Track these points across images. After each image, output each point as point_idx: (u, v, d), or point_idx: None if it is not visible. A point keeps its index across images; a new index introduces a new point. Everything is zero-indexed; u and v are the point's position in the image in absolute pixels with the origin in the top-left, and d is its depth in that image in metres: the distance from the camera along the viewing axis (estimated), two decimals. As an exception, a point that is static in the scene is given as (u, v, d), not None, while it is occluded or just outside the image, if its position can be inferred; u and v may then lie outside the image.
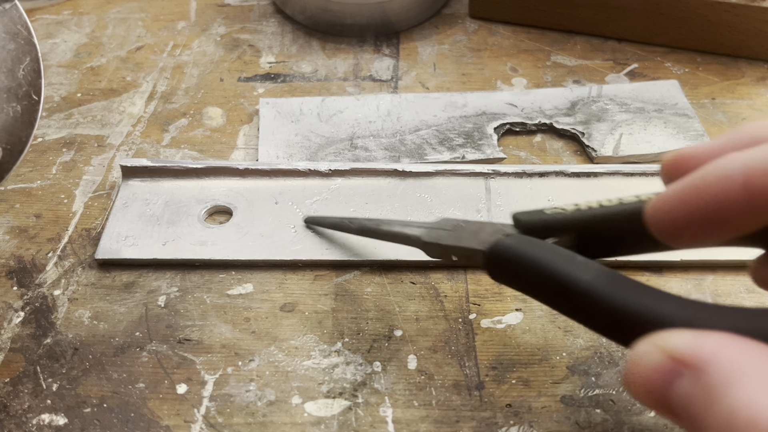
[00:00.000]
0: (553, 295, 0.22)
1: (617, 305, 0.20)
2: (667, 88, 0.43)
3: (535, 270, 0.23)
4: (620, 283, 0.20)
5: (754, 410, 0.15)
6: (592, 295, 0.20)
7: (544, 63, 0.47)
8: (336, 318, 0.31)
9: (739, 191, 0.18)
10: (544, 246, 0.23)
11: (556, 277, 0.22)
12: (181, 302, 0.32)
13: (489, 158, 0.39)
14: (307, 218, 0.35)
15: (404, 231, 0.30)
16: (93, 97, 0.44)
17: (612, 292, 0.20)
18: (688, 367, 0.17)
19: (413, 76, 0.46)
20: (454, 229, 0.28)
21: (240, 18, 0.51)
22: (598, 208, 0.24)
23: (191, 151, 0.40)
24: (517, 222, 0.26)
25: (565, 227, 0.24)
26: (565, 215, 0.24)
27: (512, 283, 0.25)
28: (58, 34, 0.50)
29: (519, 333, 0.30)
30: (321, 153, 0.39)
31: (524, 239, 0.24)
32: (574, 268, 0.21)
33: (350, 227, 0.33)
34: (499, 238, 0.25)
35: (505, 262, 0.24)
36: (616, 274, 0.21)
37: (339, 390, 0.28)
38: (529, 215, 0.25)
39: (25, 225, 0.36)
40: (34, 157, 0.40)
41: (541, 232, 0.25)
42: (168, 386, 0.29)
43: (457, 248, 0.27)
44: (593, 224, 0.24)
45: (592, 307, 0.20)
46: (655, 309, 0.19)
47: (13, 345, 0.30)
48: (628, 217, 0.23)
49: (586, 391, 0.28)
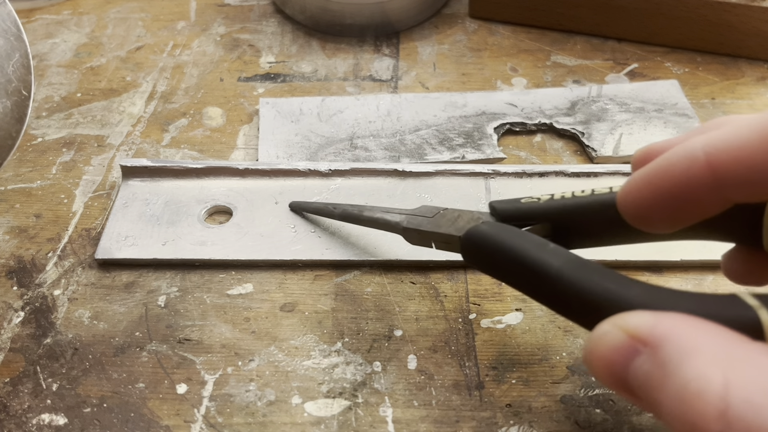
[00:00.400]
0: (523, 280, 0.23)
1: (582, 289, 0.20)
2: (667, 88, 0.43)
3: (507, 255, 0.23)
4: (587, 269, 0.21)
5: (704, 382, 0.15)
6: (560, 280, 0.21)
7: (544, 63, 0.47)
8: (336, 318, 0.31)
9: (702, 168, 0.19)
10: (517, 233, 0.24)
11: (526, 262, 0.22)
12: (181, 302, 0.32)
13: (489, 158, 0.39)
14: (292, 203, 0.35)
15: (385, 217, 0.31)
16: (93, 97, 0.44)
17: (578, 277, 0.21)
18: (646, 344, 0.17)
19: (413, 76, 0.46)
20: (433, 215, 0.29)
21: (240, 18, 0.51)
22: (570, 198, 0.25)
23: (191, 151, 0.40)
24: (494, 210, 0.27)
25: (539, 216, 0.25)
26: (539, 204, 0.25)
27: (486, 268, 0.26)
28: (58, 34, 0.50)
29: (519, 333, 0.30)
30: (321, 153, 0.39)
31: (499, 226, 0.25)
32: (544, 254, 0.22)
33: (333, 213, 0.33)
34: (474, 225, 0.26)
35: (479, 248, 0.25)
36: (585, 260, 0.21)
37: (339, 390, 0.28)
38: (504, 204, 0.26)
39: (25, 225, 0.36)
40: (34, 157, 0.40)
41: (516, 220, 0.25)
42: (168, 386, 0.29)
43: (435, 234, 0.28)
44: (566, 213, 0.25)
45: (560, 292, 0.21)
46: (618, 292, 0.19)
47: (13, 345, 0.30)
48: (601, 207, 0.24)
49: (586, 391, 0.28)
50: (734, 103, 0.43)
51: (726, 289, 0.32)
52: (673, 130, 0.40)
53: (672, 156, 0.20)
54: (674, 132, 0.40)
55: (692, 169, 0.19)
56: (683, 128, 0.40)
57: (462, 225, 0.27)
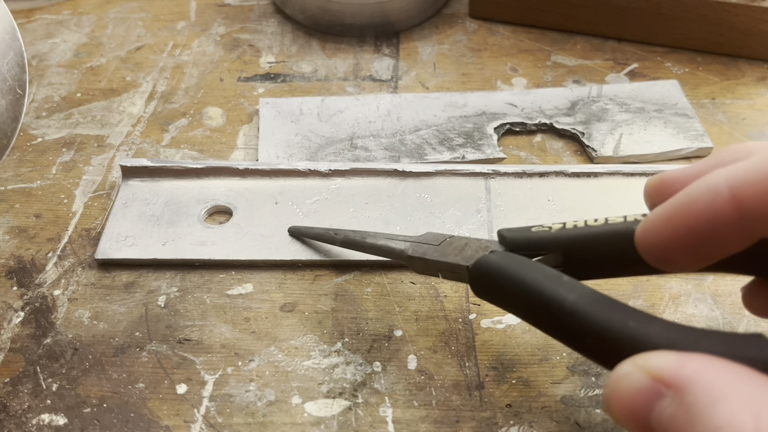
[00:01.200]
0: (536, 314, 0.22)
1: (601, 326, 0.20)
2: (667, 88, 0.43)
3: (519, 287, 0.22)
4: (605, 304, 0.20)
5: (735, 428, 0.15)
6: (575, 315, 0.20)
7: (544, 63, 0.47)
8: (336, 318, 0.31)
9: (727, 204, 0.18)
10: (529, 264, 0.23)
11: (539, 296, 0.21)
12: (181, 302, 0.32)
13: (489, 158, 0.39)
14: (291, 228, 0.34)
15: (389, 245, 0.30)
16: (93, 97, 0.44)
17: (596, 313, 0.20)
18: (671, 387, 0.17)
19: (413, 76, 0.46)
20: (439, 243, 0.28)
21: (240, 18, 0.51)
22: (583, 227, 0.24)
23: (191, 151, 0.40)
24: (503, 239, 0.26)
25: (550, 246, 0.24)
26: (551, 234, 0.24)
27: (495, 300, 0.25)
28: (58, 34, 0.50)
29: (519, 333, 0.30)
30: (321, 153, 0.39)
31: (509, 256, 0.24)
32: (558, 287, 0.21)
33: (335, 239, 0.32)
34: (483, 255, 0.25)
35: (488, 279, 0.24)
36: (602, 295, 0.21)
37: (339, 390, 0.28)
38: (514, 232, 0.25)
39: (25, 225, 0.36)
40: (34, 157, 0.40)
41: (526, 249, 0.24)
42: (168, 386, 0.29)
43: (441, 263, 0.27)
44: (579, 244, 0.24)
45: (576, 328, 0.20)
46: (639, 330, 0.19)
47: (13, 345, 0.30)
48: (614, 239, 0.23)
49: (586, 391, 0.28)
50: (734, 103, 0.43)
51: (726, 290, 0.32)
52: (673, 130, 0.40)
53: (693, 191, 0.19)
54: (674, 132, 0.40)
55: (716, 205, 0.18)
56: (683, 128, 0.40)
57: (470, 254, 0.26)
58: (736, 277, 0.32)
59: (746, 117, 0.42)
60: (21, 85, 0.31)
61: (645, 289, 0.32)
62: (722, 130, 0.41)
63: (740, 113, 0.42)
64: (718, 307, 0.31)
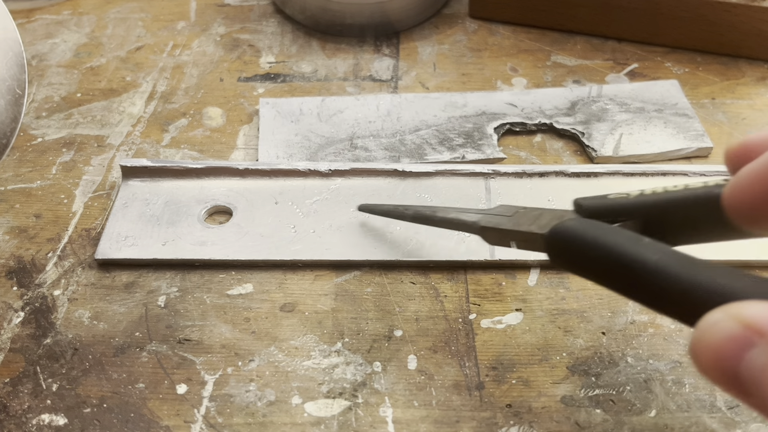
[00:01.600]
0: (617, 277, 0.22)
1: (685, 282, 0.19)
2: (667, 88, 0.43)
3: (599, 251, 0.22)
4: (690, 262, 0.20)
5: None
6: (658, 274, 0.20)
7: (544, 63, 0.47)
8: (336, 318, 0.31)
9: None
10: (608, 228, 0.23)
11: (621, 258, 0.21)
12: (181, 302, 0.32)
13: (489, 158, 0.39)
14: (361, 206, 0.35)
15: (461, 217, 0.30)
16: (93, 97, 0.44)
17: (681, 271, 0.20)
18: (763, 335, 0.16)
19: (413, 76, 0.46)
20: (513, 214, 0.28)
21: (240, 18, 0.51)
22: (663, 193, 0.24)
23: (191, 151, 0.40)
24: (579, 207, 0.25)
25: (628, 212, 0.24)
26: (629, 200, 0.24)
27: (574, 267, 0.24)
28: (58, 34, 0.50)
29: (519, 333, 0.30)
30: (321, 153, 0.39)
31: (587, 222, 0.24)
32: (640, 248, 0.21)
33: (405, 214, 0.33)
34: (560, 222, 0.24)
35: (567, 245, 0.24)
36: (685, 254, 0.20)
37: (339, 390, 0.28)
38: (590, 200, 0.25)
39: (24, 225, 0.36)
40: (34, 157, 0.40)
41: (603, 217, 0.24)
42: (168, 386, 0.29)
43: (516, 233, 0.27)
44: (658, 210, 0.23)
45: (660, 287, 0.20)
46: (728, 285, 0.19)
47: (13, 345, 0.30)
48: (696, 203, 0.22)
49: (586, 391, 0.28)
50: (734, 103, 0.43)
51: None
52: (673, 130, 0.40)
53: None
54: (674, 132, 0.40)
55: None
56: (683, 128, 0.40)
57: (545, 223, 0.26)
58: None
59: (746, 117, 0.42)
60: (20, 85, 0.31)
61: (645, 289, 0.32)
62: (722, 130, 0.41)
63: (740, 113, 0.42)
64: (718, 307, 0.31)
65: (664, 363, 0.29)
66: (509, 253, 0.33)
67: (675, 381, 0.28)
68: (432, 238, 0.34)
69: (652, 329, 0.30)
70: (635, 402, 0.28)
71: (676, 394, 0.28)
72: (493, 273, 0.33)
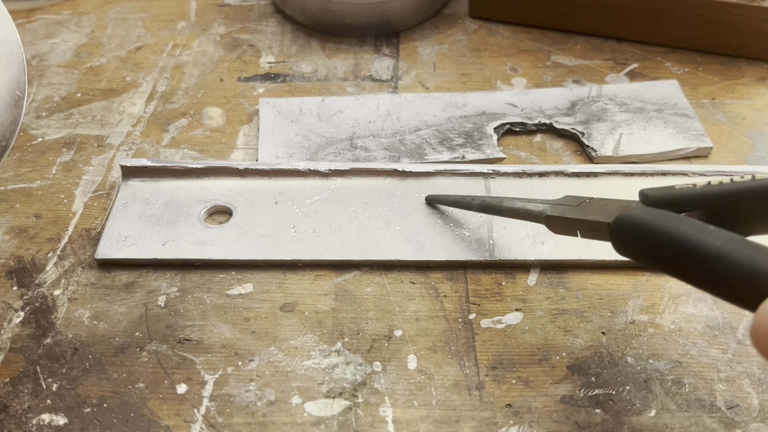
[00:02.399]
0: (682, 263, 0.22)
1: (749, 268, 0.20)
2: (667, 88, 0.43)
3: (663, 239, 0.22)
4: (754, 249, 0.20)
5: None
6: (722, 259, 0.20)
7: (544, 63, 0.47)
8: (336, 318, 0.31)
9: None
10: (673, 216, 0.23)
11: (685, 244, 0.22)
12: (181, 302, 0.32)
13: (489, 158, 0.39)
14: (429, 196, 0.35)
15: (527, 207, 0.30)
16: (93, 97, 0.44)
17: (745, 256, 0.20)
18: None
19: (413, 76, 0.46)
20: (578, 204, 0.28)
21: (240, 18, 0.51)
22: (729, 184, 0.24)
23: (191, 151, 0.40)
24: (645, 197, 0.26)
25: (694, 202, 0.24)
26: (695, 190, 0.24)
27: (638, 255, 0.25)
28: (58, 34, 0.50)
29: (519, 333, 0.30)
30: (321, 153, 0.39)
31: (652, 211, 0.24)
32: (705, 234, 0.21)
33: (472, 204, 0.33)
34: (625, 211, 0.25)
35: (632, 233, 0.24)
36: (749, 240, 0.21)
37: (339, 390, 0.28)
38: (657, 190, 0.25)
39: (25, 225, 0.36)
40: (34, 157, 0.40)
41: (669, 206, 0.25)
42: (168, 386, 0.29)
43: (582, 221, 0.27)
44: (725, 200, 0.24)
45: (724, 272, 0.20)
46: None
47: (13, 345, 0.30)
48: (764, 193, 0.23)
49: (586, 391, 0.28)
50: (734, 103, 0.43)
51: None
52: (673, 130, 0.40)
53: None
54: (674, 132, 0.40)
55: None
56: (683, 128, 0.40)
57: (611, 212, 0.26)
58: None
59: (746, 117, 0.42)
60: (20, 87, 0.31)
61: (645, 289, 0.32)
62: (722, 130, 0.41)
63: (740, 113, 0.42)
64: (718, 307, 0.31)
65: (664, 363, 0.29)
66: (509, 252, 0.33)
67: (675, 381, 0.28)
68: (432, 237, 0.34)
69: (652, 329, 0.30)
70: (635, 402, 0.28)
71: (676, 394, 0.28)
72: (493, 273, 0.33)
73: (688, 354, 0.29)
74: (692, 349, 0.30)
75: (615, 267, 0.33)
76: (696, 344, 0.30)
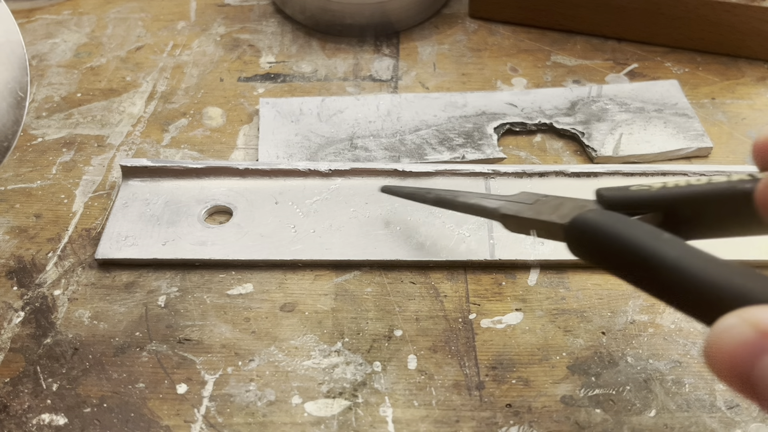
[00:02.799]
0: (636, 272, 0.22)
1: (703, 281, 0.19)
2: (667, 88, 0.43)
3: (618, 245, 0.22)
4: (708, 261, 0.20)
5: None
6: (677, 271, 0.20)
7: (544, 63, 0.47)
8: (336, 318, 0.31)
9: None
10: (629, 221, 0.22)
11: (640, 253, 0.21)
12: (181, 302, 0.32)
13: (489, 158, 0.39)
14: (384, 187, 0.35)
15: (482, 203, 0.30)
16: (93, 97, 0.44)
17: (699, 269, 0.19)
18: None
19: (413, 76, 0.46)
20: (534, 202, 0.28)
21: (240, 18, 0.51)
22: (685, 186, 0.23)
23: (191, 151, 0.40)
24: (600, 198, 0.25)
25: (650, 204, 0.24)
26: (651, 192, 0.24)
27: (593, 258, 0.24)
28: (58, 34, 0.50)
29: (519, 333, 0.30)
30: (321, 153, 0.39)
31: (607, 214, 0.24)
32: (659, 243, 0.21)
33: (427, 197, 0.33)
34: (581, 213, 0.24)
35: (587, 237, 0.24)
36: (704, 252, 0.20)
37: (339, 390, 0.28)
38: (613, 191, 0.25)
39: (25, 225, 0.36)
40: (34, 157, 0.40)
41: (625, 208, 0.24)
42: (168, 386, 0.29)
43: (536, 221, 0.27)
44: (680, 203, 0.23)
45: (677, 284, 0.20)
46: (745, 286, 0.18)
47: (13, 345, 0.30)
48: (719, 197, 0.22)
49: (586, 391, 0.28)
50: (734, 103, 0.43)
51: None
52: (673, 130, 0.40)
53: None
54: (674, 132, 0.40)
55: None
56: (683, 128, 0.40)
57: (566, 212, 0.26)
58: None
59: (746, 117, 0.42)
60: (22, 88, 0.31)
61: (645, 289, 0.32)
62: (722, 130, 0.41)
63: (740, 113, 0.42)
64: (718, 307, 0.31)
65: (664, 363, 0.29)
66: (509, 252, 0.33)
67: (675, 381, 0.28)
68: (432, 237, 0.34)
69: (652, 329, 0.30)
70: (635, 402, 0.28)
71: (676, 394, 0.28)
72: (493, 273, 0.33)
73: (688, 354, 0.29)
74: (692, 349, 0.30)
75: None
76: (696, 344, 0.30)
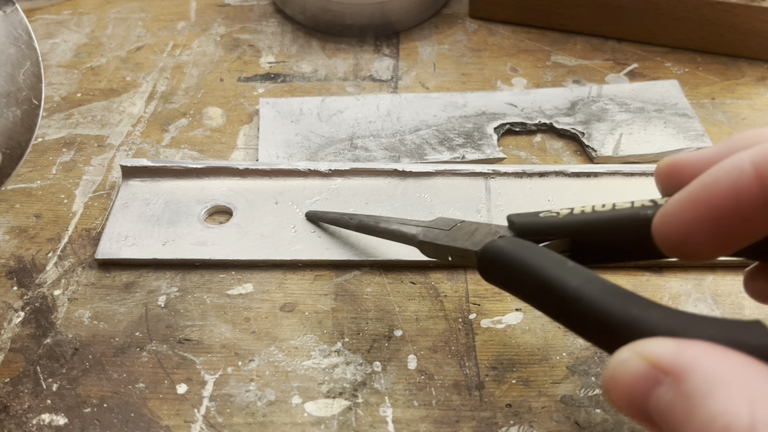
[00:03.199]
0: (540, 298, 0.22)
1: (601, 311, 0.20)
2: (667, 88, 0.43)
3: (524, 272, 0.23)
4: (607, 290, 0.20)
5: (731, 417, 0.15)
6: (578, 300, 0.20)
7: (544, 63, 0.47)
8: (336, 318, 0.31)
9: (752, 183, 0.18)
10: (535, 249, 0.23)
11: (544, 280, 0.22)
12: (181, 302, 0.32)
13: (489, 158, 0.39)
14: (308, 213, 0.35)
15: (401, 229, 0.30)
16: (93, 97, 0.44)
17: (598, 298, 0.20)
18: (668, 374, 0.17)
19: (413, 76, 0.46)
20: (450, 228, 0.28)
21: (240, 18, 0.51)
22: (591, 213, 0.24)
23: (191, 151, 0.40)
24: (511, 224, 0.26)
25: (558, 231, 0.24)
26: (558, 219, 0.25)
27: (503, 285, 0.25)
28: (58, 34, 0.50)
29: (519, 333, 0.30)
30: (321, 153, 0.39)
31: (516, 242, 0.24)
32: (562, 272, 0.21)
33: (350, 223, 0.33)
34: (491, 240, 0.25)
35: (495, 264, 0.24)
36: (605, 281, 0.21)
37: (339, 390, 0.28)
38: (523, 217, 0.26)
39: (25, 225, 0.36)
40: (34, 157, 0.40)
41: (534, 234, 0.25)
42: (168, 386, 0.29)
43: (452, 248, 0.27)
44: (586, 229, 0.24)
45: (578, 312, 0.20)
46: (639, 317, 0.19)
47: (13, 345, 0.30)
48: (621, 224, 0.23)
49: (586, 391, 0.28)
50: (734, 104, 0.43)
51: (726, 290, 0.32)
52: (673, 130, 0.40)
53: (718, 171, 0.19)
54: (674, 132, 0.40)
55: (740, 182, 0.18)
56: (683, 128, 0.40)
57: (479, 239, 0.27)
58: (736, 276, 0.32)
59: (746, 117, 0.42)
60: (37, 96, 0.31)
61: (645, 289, 0.32)
62: (722, 130, 0.41)
63: (740, 113, 0.42)
64: (718, 306, 0.31)
65: (664, 363, 0.29)
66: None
67: (675, 381, 0.28)
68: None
69: (652, 329, 0.30)
70: (635, 402, 0.28)
71: (676, 394, 0.28)
72: (493, 273, 0.33)
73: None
74: (692, 349, 0.30)
75: (615, 267, 0.33)
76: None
